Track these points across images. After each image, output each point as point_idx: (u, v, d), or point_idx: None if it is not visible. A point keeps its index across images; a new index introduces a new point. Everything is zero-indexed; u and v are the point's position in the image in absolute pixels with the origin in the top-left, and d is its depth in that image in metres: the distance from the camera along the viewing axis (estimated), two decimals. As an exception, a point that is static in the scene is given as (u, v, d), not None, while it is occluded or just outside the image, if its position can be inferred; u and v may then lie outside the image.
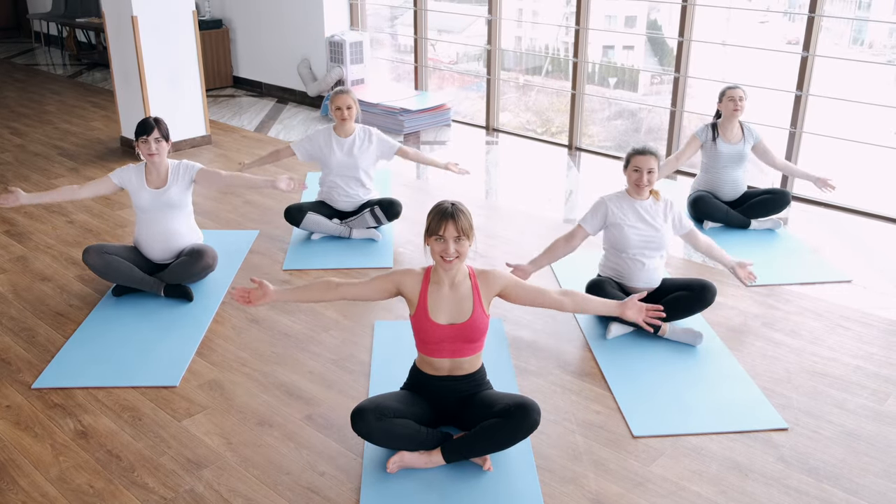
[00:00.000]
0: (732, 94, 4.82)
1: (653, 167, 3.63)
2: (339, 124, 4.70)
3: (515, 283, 2.89)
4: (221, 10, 8.83)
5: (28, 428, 3.05)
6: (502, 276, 2.87)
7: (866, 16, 7.20)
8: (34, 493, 2.71)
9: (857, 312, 3.93)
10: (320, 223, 4.69)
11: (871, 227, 5.07)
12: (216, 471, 2.81)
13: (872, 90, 6.65)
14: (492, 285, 2.85)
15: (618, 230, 3.69)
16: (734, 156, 4.90)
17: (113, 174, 4.03)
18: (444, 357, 2.84)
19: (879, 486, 2.75)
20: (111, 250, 3.97)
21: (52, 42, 11.71)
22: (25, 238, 4.82)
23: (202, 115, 6.67)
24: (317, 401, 3.22)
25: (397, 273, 2.86)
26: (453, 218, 2.71)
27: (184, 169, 4.04)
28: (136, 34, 6.04)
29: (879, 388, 3.32)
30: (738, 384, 3.33)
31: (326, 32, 7.85)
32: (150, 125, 3.92)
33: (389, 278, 2.86)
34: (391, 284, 2.86)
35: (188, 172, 4.04)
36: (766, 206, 4.89)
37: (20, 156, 6.46)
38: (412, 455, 2.77)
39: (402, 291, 2.85)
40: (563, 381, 3.36)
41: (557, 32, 8.42)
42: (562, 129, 7.37)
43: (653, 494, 2.70)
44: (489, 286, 2.85)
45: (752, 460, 2.87)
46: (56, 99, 8.45)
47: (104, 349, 3.58)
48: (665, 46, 7.54)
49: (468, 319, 2.80)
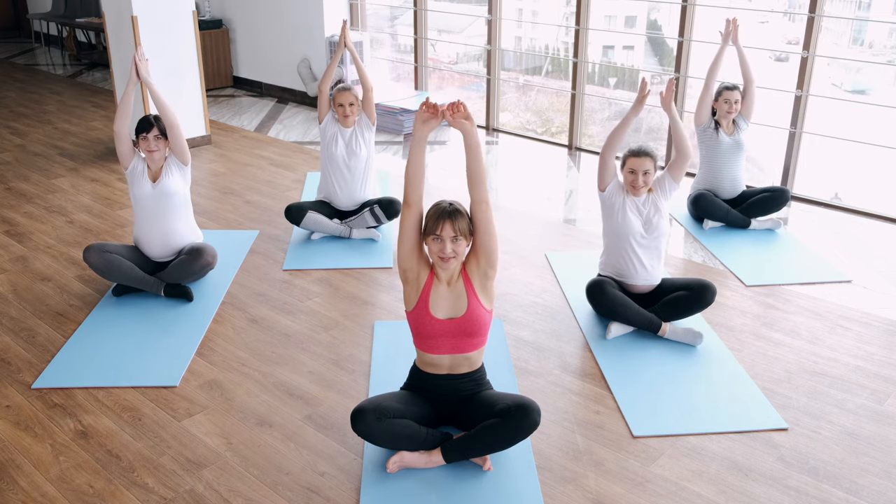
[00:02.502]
0: (728, 97, 4.85)
1: (648, 168, 3.62)
2: (342, 121, 4.70)
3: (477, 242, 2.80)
4: (221, 10, 8.83)
5: (28, 428, 3.05)
6: (472, 251, 2.83)
7: (866, 16, 7.20)
8: (34, 493, 2.71)
9: (857, 312, 3.93)
10: (320, 222, 4.69)
11: (871, 227, 5.07)
12: (216, 471, 2.81)
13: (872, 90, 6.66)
14: (472, 266, 2.82)
15: (621, 215, 3.68)
16: (734, 145, 4.92)
17: (136, 157, 4.02)
18: (443, 353, 2.83)
19: (879, 486, 2.75)
20: (112, 249, 3.98)
21: (52, 42, 11.71)
22: (25, 238, 4.83)
23: (202, 115, 6.67)
24: (317, 401, 3.22)
25: (425, 254, 2.84)
26: (451, 218, 2.71)
27: (171, 158, 4.05)
28: (136, 34, 6.04)
29: (879, 388, 3.32)
30: (738, 384, 3.33)
31: (326, 32, 7.85)
32: (150, 122, 3.93)
33: (422, 248, 2.82)
34: (420, 251, 2.81)
35: (175, 160, 4.04)
36: (765, 205, 4.89)
37: (20, 156, 6.46)
38: (412, 455, 2.77)
39: (413, 271, 2.81)
40: (563, 381, 3.36)
41: (557, 32, 8.42)
42: (562, 129, 7.37)
43: (653, 494, 2.70)
44: (472, 269, 2.82)
45: (752, 460, 2.87)
46: (56, 99, 8.45)
47: (104, 349, 3.58)
48: (665, 46, 7.54)
49: (465, 313, 2.80)
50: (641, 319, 3.64)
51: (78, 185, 5.75)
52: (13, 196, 5.54)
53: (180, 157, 4.02)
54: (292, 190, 5.61)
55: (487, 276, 2.83)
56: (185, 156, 4.02)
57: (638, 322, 3.65)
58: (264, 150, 6.62)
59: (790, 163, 5.59)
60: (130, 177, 4.02)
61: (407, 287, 2.87)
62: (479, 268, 2.82)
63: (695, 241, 4.79)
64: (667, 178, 3.72)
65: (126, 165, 4.01)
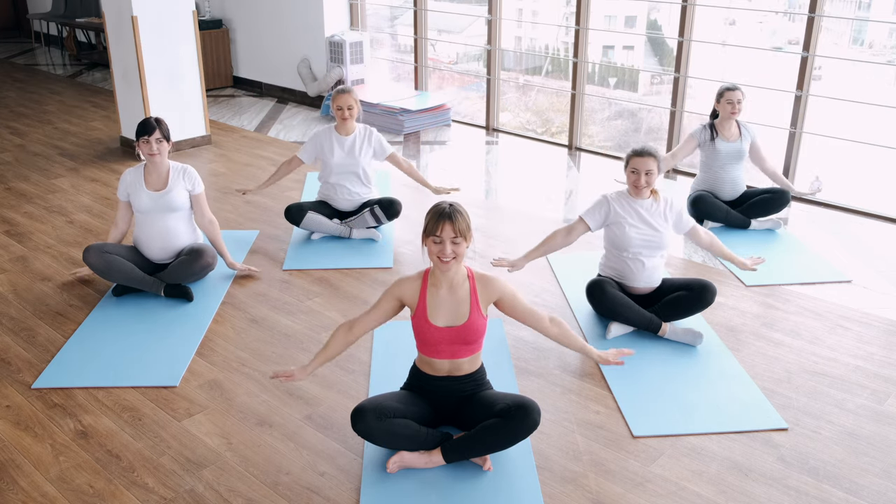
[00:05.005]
0: (731, 97, 4.82)
1: (651, 168, 3.63)
2: (341, 124, 4.71)
3: (512, 296, 2.88)
4: (221, 10, 8.83)
5: (28, 428, 3.05)
6: (502, 286, 2.86)
7: (866, 16, 7.20)
8: (34, 493, 2.71)
9: (857, 312, 3.93)
10: (320, 223, 4.69)
11: (871, 227, 5.07)
12: (216, 471, 2.81)
13: (872, 90, 6.65)
14: (490, 292, 2.85)
15: (619, 229, 3.69)
16: (733, 154, 4.90)
17: (119, 192, 4.09)
18: (443, 358, 2.84)
19: (879, 486, 2.75)
20: (111, 250, 3.98)
21: (52, 42, 11.71)
22: (25, 238, 4.83)
23: (202, 115, 6.67)
24: (317, 401, 3.22)
25: (394, 287, 2.86)
26: (450, 219, 2.70)
27: (187, 178, 4.05)
28: (136, 34, 6.04)
29: (879, 388, 3.32)
30: (738, 384, 3.33)
31: (326, 32, 7.85)
32: (152, 125, 3.92)
33: (390, 294, 2.86)
34: (393, 300, 2.86)
35: (189, 183, 4.05)
36: (765, 206, 4.89)
37: (20, 156, 6.46)
38: (412, 455, 2.77)
39: (404, 300, 2.86)
40: (563, 381, 3.36)
41: (557, 32, 8.42)
42: (562, 129, 7.37)
43: (653, 494, 2.70)
44: (488, 292, 2.85)
45: (752, 460, 2.87)
46: (56, 99, 8.45)
47: (104, 349, 3.58)
48: (665, 46, 7.54)
49: (465, 322, 2.80)
50: (641, 319, 3.64)
51: (78, 185, 5.75)
52: (13, 196, 5.54)
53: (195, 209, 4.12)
54: (292, 190, 5.61)
55: (492, 303, 2.90)
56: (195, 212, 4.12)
57: (638, 322, 3.65)
58: (264, 150, 6.62)
59: (790, 163, 5.59)
60: (126, 197, 4.06)
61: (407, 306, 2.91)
62: (493, 300, 2.87)
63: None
64: (681, 223, 3.75)
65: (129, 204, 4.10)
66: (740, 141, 4.91)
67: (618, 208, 3.70)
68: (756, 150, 4.97)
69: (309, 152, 4.78)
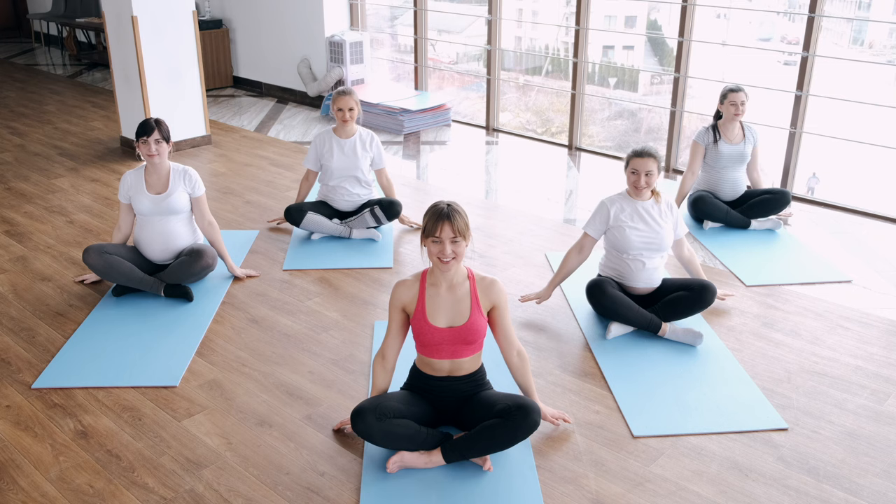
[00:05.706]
0: (734, 99, 4.81)
1: (651, 169, 3.63)
2: (340, 125, 4.71)
3: (504, 308, 2.88)
4: (221, 10, 8.83)
5: (28, 428, 3.05)
6: (499, 295, 2.86)
7: (866, 16, 7.20)
8: (34, 493, 2.71)
9: (857, 312, 3.93)
10: (320, 223, 4.69)
11: (871, 227, 5.07)
12: (216, 471, 2.81)
13: (872, 90, 6.66)
14: (489, 296, 2.85)
15: (619, 232, 3.69)
16: (735, 156, 4.90)
17: (120, 194, 4.08)
18: (443, 358, 2.84)
19: (879, 486, 2.75)
20: (111, 250, 3.98)
21: (52, 42, 11.71)
22: (25, 238, 4.83)
23: (202, 115, 6.67)
24: (317, 401, 3.22)
25: (393, 296, 2.86)
26: (449, 219, 2.70)
27: (187, 180, 4.05)
28: (136, 34, 6.04)
29: (879, 388, 3.32)
30: (738, 384, 3.32)
31: (326, 32, 7.85)
32: (151, 126, 3.92)
33: (392, 306, 2.86)
34: (398, 311, 2.86)
35: (190, 186, 4.06)
36: (766, 206, 4.89)
37: (20, 156, 6.46)
38: (412, 455, 2.77)
39: (404, 305, 2.86)
40: (563, 381, 3.36)
41: (557, 32, 8.43)
42: (562, 129, 7.37)
43: (653, 494, 2.70)
44: (487, 295, 2.85)
45: (752, 460, 2.87)
46: (56, 99, 8.45)
47: (104, 349, 3.58)
48: (665, 46, 7.54)
49: (466, 322, 2.80)
50: (641, 319, 3.64)
51: (78, 185, 5.75)
52: (13, 196, 5.54)
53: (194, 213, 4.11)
54: (292, 190, 5.61)
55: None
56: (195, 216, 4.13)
57: (638, 322, 3.65)
58: (264, 150, 6.62)
59: (790, 163, 5.59)
60: (127, 199, 4.05)
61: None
62: (490, 303, 2.86)
63: (695, 241, 4.79)
64: (676, 228, 3.76)
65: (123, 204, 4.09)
66: (743, 143, 4.90)
67: (617, 211, 3.70)
68: (754, 155, 4.98)
69: (313, 159, 4.78)
